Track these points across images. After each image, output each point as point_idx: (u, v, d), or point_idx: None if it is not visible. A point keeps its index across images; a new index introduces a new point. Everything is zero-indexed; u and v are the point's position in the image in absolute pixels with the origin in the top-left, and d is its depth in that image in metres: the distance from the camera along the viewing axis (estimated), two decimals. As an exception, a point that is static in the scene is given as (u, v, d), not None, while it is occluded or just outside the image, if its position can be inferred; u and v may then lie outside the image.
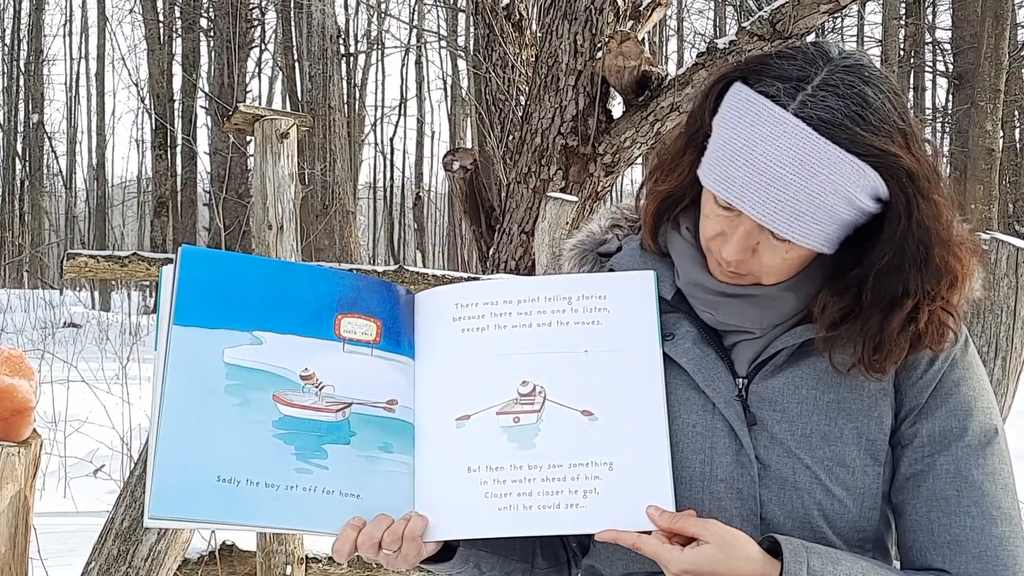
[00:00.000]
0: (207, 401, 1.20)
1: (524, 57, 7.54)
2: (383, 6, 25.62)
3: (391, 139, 30.65)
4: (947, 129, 19.32)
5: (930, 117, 20.35)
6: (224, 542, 3.80)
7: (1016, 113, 18.79)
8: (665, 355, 1.30)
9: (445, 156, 6.60)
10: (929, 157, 1.19)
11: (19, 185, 24.91)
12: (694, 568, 1.15)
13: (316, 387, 1.26)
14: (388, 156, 29.47)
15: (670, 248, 1.36)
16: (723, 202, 1.20)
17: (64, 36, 28.58)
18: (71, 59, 28.14)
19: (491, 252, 5.99)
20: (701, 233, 1.27)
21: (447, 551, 1.31)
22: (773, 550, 1.18)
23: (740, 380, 1.29)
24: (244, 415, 1.21)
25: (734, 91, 1.20)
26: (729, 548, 1.15)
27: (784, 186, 1.14)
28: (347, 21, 24.51)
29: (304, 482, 1.21)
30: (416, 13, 26.20)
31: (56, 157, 27.59)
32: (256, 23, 21.34)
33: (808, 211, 1.15)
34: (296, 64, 19.68)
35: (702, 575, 1.15)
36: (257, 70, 25.05)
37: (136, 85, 25.48)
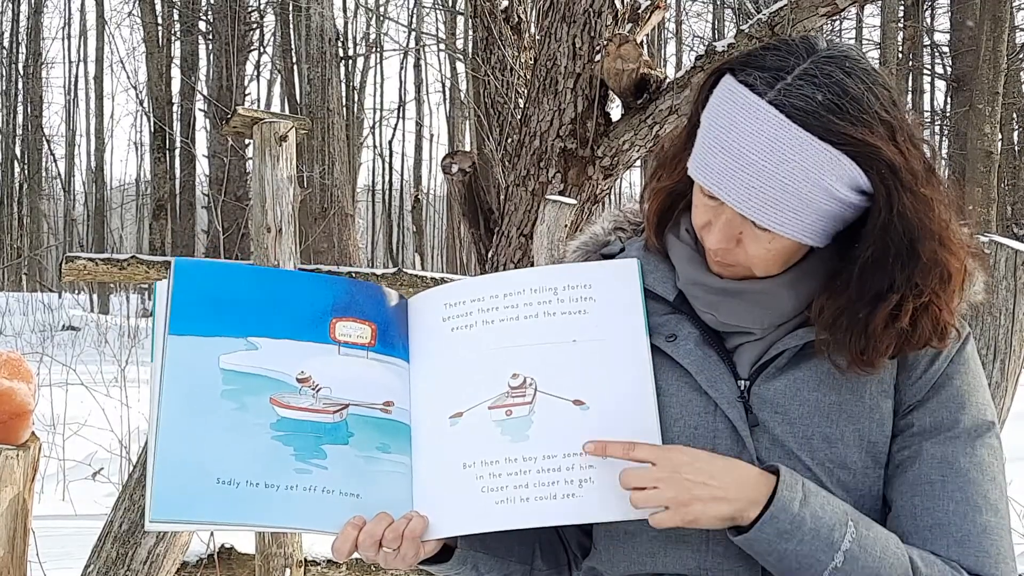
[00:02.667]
0: (204, 406, 1.21)
1: (523, 60, 7.54)
2: (382, 9, 25.66)
3: (390, 142, 30.73)
4: (945, 132, 19.34)
5: (928, 120, 20.36)
6: (223, 545, 3.79)
7: (1014, 116, 18.80)
8: (667, 356, 1.30)
9: (444, 159, 6.59)
10: (922, 152, 1.19)
11: (18, 188, 24.90)
12: (690, 460, 1.18)
13: (313, 389, 1.26)
14: (387, 159, 29.49)
15: (669, 250, 1.36)
16: (707, 191, 1.21)
17: (63, 39, 28.60)
18: (70, 62, 28.16)
19: (490, 255, 5.99)
20: (693, 224, 1.28)
21: (445, 551, 1.31)
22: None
23: (742, 382, 1.29)
24: (242, 419, 1.22)
25: (721, 83, 1.22)
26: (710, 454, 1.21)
27: (757, 172, 1.15)
28: (345, 24, 24.51)
29: (304, 482, 1.22)
30: (415, 16, 26.22)
31: (55, 160, 27.61)
32: (255, 26, 21.37)
33: (782, 198, 1.15)
34: (295, 67, 19.69)
35: (695, 476, 1.17)
36: (256, 73, 25.09)
37: (135, 88, 25.51)
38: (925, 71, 22.31)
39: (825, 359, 1.25)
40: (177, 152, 20.62)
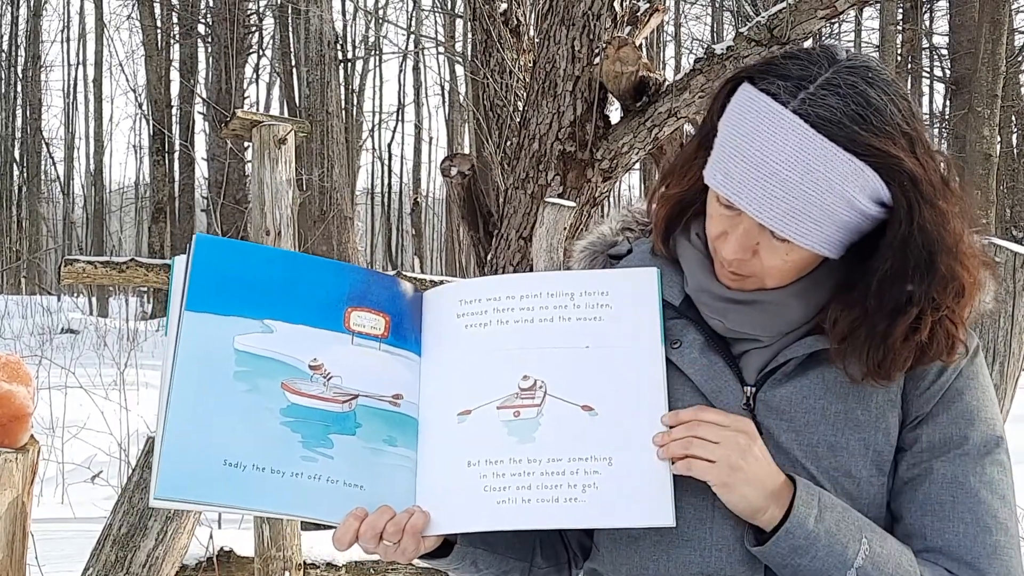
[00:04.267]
0: (216, 386, 1.21)
1: (522, 63, 7.54)
2: (381, 12, 25.68)
3: (389, 145, 30.72)
4: (944, 135, 19.35)
5: (928, 123, 20.35)
6: (222, 548, 3.79)
7: (1013, 118, 18.83)
8: (671, 363, 1.30)
9: (443, 162, 6.59)
10: (939, 165, 1.18)
11: (17, 191, 24.90)
12: (752, 439, 1.20)
13: (324, 377, 1.26)
14: (386, 162, 29.50)
15: (679, 254, 1.35)
16: (725, 201, 1.20)
17: (62, 42, 28.62)
18: (69, 65, 28.17)
19: (489, 257, 5.99)
20: (707, 234, 1.27)
21: (445, 546, 1.31)
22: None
23: (748, 388, 1.28)
24: (253, 401, 1.22)
25: (740, 91, 1.20)
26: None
27: (780, 182, 1.14)
28: (345, 27, 24.53)
29: (309, 470, 1.22)
30: (414, 19, 26.25)
31: (54, 163, 27.64)
32: (254, 29, 21.38)
33: (804, 209, 1.15)
34: (294, 70, 19.71)
35: (752, 453, 1.19)
36: (255, 76, 25.11)
37: (134, 91, 25.56)
38: (924, 74, 22.34)
39: (833, 368, 1.25)
40: (176, 155, 20.65)
